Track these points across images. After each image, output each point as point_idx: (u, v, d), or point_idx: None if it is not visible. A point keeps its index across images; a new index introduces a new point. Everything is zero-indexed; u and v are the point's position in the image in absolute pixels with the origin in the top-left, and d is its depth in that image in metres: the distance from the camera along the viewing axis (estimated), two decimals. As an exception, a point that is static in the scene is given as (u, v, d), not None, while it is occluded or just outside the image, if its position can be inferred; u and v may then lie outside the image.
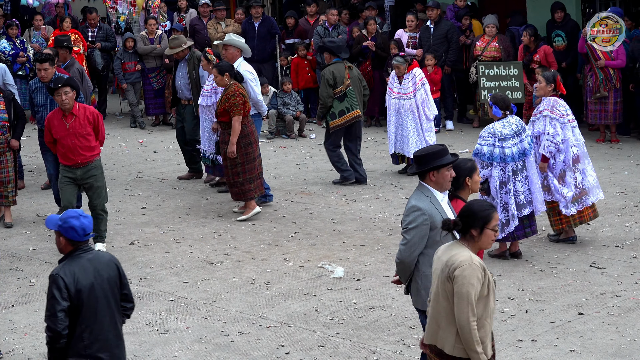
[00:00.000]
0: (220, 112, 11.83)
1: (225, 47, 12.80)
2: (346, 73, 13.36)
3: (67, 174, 10.58)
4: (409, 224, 6.64)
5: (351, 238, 11.11)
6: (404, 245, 6.67)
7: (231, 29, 18.69)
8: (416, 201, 6.66)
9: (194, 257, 10.62)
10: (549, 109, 10.38)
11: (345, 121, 13.32)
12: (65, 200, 10.62)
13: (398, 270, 6.88)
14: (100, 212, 10.73)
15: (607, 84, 15.31)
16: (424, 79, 13.84)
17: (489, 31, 16.52)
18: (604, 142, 15.63)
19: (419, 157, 6.73)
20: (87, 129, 10.48)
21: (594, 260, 10.01)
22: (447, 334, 5.78)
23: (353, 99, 13.30)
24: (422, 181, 6.75)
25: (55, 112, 10.56)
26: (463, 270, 5.66)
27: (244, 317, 8.88)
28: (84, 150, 10.49)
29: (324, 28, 17.70)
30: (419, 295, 6.79)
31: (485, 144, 9.95)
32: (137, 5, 19.67)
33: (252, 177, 11.92)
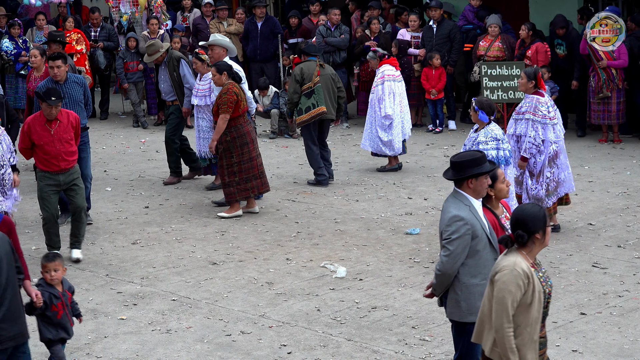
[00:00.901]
0: (215, 111, 11.88)
1: (211, 47, 12.81)
2: (316, 70, 13.48)
3: (50, 181, 10.27)
4: (452, 234, 6.48)
5: (353, 238, 11.11)
6: (447, 256, 6.50)
7: (233, 28, 18.71)
8: (457, 210, 6.52)
9: (196, 257, 10.62)
10: (531, 112, 10.55)
11: (310, 117, 13.45)
12: (50, 211, 10.31)
13: (437, 282, 6.67)
14: (82, 215, 10.43)
15: (610, 84, 15.29)
16: (387, 77, 14.00)
17: (492, 31, 16.51)
18: (607, 142, 15.62)
19: (457, 164, 6.59)
20: (70, 133, 10.27)
21: (597, 261, 10.00)
22: (489, 336, 5.75)
23: (320, 96, 13.41)
24: (458, 188, 6.62)
25: (36, 117, 10.25)
26: (503, 275, 5.61)
27: (246, 316, 8.88)
28: (68, 155, 10.26)
29: (326, 28, 17.69)
30: (458, 307, 6.62)
31: (490, 148, 9.82)
32: (139, 5, 19.69)
33: (248, 176, 11.93)
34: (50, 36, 14.46)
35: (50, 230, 10.44)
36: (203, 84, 12.97)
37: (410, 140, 16.21)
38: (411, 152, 15.42)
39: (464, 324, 6.61)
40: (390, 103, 13.94)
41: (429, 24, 17.28)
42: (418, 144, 16.03)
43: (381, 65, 14.12)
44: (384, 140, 13.95)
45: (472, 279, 6.56)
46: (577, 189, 12.74)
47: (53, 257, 7.30)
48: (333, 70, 13.93)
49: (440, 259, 6.57)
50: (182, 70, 13.61)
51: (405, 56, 17.02)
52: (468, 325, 6.53)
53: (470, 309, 6.55)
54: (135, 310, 9.06)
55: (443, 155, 15.16)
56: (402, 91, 14.13)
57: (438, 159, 14.96)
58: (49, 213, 10.35)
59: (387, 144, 13.97)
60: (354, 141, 16.45)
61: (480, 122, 9.93)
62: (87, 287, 9.85)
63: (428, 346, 8.12)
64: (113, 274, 10.19)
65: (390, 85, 13.97)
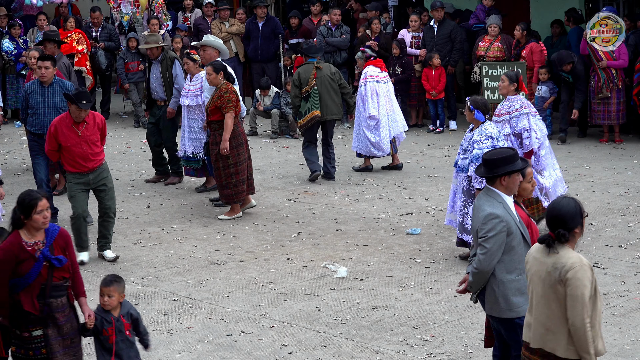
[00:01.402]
0: (212, 110, 11.78)
1: (203, 47, 12.78)
2: (313, 73, 13.58)
3: (79, 180, 10.29)
4: (488, 232, 6.52)
5: (354, 238, 11.11)
6: (484, 254, 6.53)
7: (235, 28, 18.71)
8: (491, 208, 6.55)
9: (197, 257, 10.62)
10: (526, 106, 10.65)
11: (307, 121, 13.62)
12: (79, 207, 10.31)
13: (474, 280, 6.70)
14: (112, 214, 10.52)
15: (610, 84, 15.29)
16: (370, 78, 14.09)
17: (491, 31, 16.51)
18: (608, 142, 15.62)
19: (489, 161, 6.63)
20: (97, 135, 10.29)
21: (597, 261, 10.00)
22: (559, 337, 5.71)
23: (315, 99, 13.54)
24: (491, 186, 6.65)
25: (63, 118, 10.20)
26: (576, 272, 5.60)
27: (247, 316, 8.89)
28: (94, 156, 10.28)
29: (327, 28, 17.70)
30: (497, 303, 6.64)
31: (485, 147, 9.80)
32: (140, 5, 19.69)
33: (243, 178, 11.95)
34: (45, 35, 14.43)
35: (79, 228, 10.39)
36: (194, 84, 12.93)
37: (411, 140, 16.24)
38: (412, 152, 15.43)
39: (510, 320, 6.65)
40: (374, 104, 14.02)
41: (430, 24, 17.28)
42: (419, 144, 16.03)
43: (366, 66, 14.26)
44: (372, 141, 14.02)
45: (508, 275, 6.61)
46: (578, 189, 12.75)
47: (110, 281, 6.94)
48: (333, 69, 13.93)
49: (477, 257, 6.60)
50: (174, 71, 13.58)
51: (406, 56, 17.02)
52: (515, 320, 6.59)
53: (509, 304, 6.62)
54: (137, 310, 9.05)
55: (444, 155, 15.15)
56: (387, 92, 14.19)
57: (439, 159, 14.96)
58: (78, 210, 10.34)
59: (376, 145, 14.04)
60: (355, 141, 16.45)
61: (475, 122, 9.95)
62: (88, 287, 9.81)
63: (429, 346, 8.12)
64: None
65: (373, 85, 14.07)
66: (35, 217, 6.55)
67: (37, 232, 6.63)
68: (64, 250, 6.71)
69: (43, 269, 6.56)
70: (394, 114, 14.21)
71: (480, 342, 8.15)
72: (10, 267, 6.51)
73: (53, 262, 6.58)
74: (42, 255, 6.56)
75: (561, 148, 15.23)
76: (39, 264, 6.55)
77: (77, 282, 6.87)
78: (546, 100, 15.82)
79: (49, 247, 6.61)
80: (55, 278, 6.62)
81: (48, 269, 6.58)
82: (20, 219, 6.58)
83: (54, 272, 6.61)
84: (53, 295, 6.64)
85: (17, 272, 6.55)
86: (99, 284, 7.00)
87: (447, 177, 13.56)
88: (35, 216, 6.55)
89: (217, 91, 11.79)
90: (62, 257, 6.65)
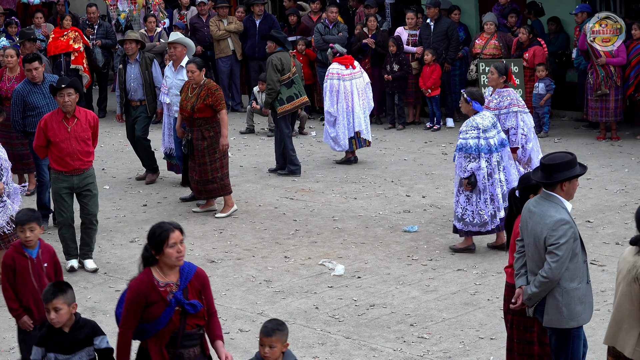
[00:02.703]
0: (200, 108, 11.74)
1: (174, 45, 12.71)
2: (292, 61, 13.86)
3: (64, 183, 9.98)
4: (560, 238, 6.32)
5: (351, 235, 11.11)
6: (556, 262, 6.33)
7: (233, 26, 18.70)
8: (558, 213, 6.37)
9: (194, 255, 10.61)
10: (515, 103, 10.71)
11: (294, 107, 13.89)
12: (65, 215, 10.06)
13: (541, 290, 6.46)
14: (94, 222, 10.23)
15: (608, 81, 15.29)
16: (331, 76, 14.38)
17: (487, 29, 16.49)
18: (605, 139, 15.61)
19: (549, 166, 6.45)
20: (88, 133, 10.00)
21: (595, 258, 10.00)
22: (628, 337, 5.68)
23: (300, 85, 13.90)
24: (550, 191, 6.48)
25: (54, 114, 9.97)
26: None
27: (244, 314, 8.88)
28: (83, 155, 9.97)
29: (324, 25, 17.68)
30: (559, 313, 6.46)
31: (469, 137, 10.03)
32: (137, 3, 19.67)
33: (227, 171, 12.02)
34: (22, 35, 14.34)
35: (66, 236, 10.17)
36: None
37: (408, 138, 16.25)
38: (409, 149, 15.43)
39: (567, 330, 6.51)
40: (332, 101, 14.29)
41: (427, 21, 17.27)
42: (416, 142, 16.02)
43: (333, 62, 14.54)
44: (330, 135, 14.37)
45: (571, 283, 6.44)
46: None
47: (271, 330, 5.89)
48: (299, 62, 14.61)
49: (547, 266, 6.37)
50: (154, 71, 13.53)
51: (403, 53, 17.01)
52: (573, 331, 6.47)
53: (571, 314, 6.46)
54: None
55: (441, 152, 15.15)
56: (352, 89, 14.34)
57: (436, 156, 14.96)
58: (65, 217, 10.06)
59: (334, 139, 14.36)
60: (352, 139, 16.45)
61: (473, 112, 10.08)
62: (85, 286, 9.86)
63: (426, 344, 8.12)
64: (111, 272, 10.19)
65: (333, 83, 14.32)
66: (167, 252, 5.83)
67: (171, 270, 5.90)
68: (200, 293, 5.94)
69: (175, 314, 5.82)
70: (359, 111, 14.41)
71: (477, 339, 8.15)
72: (140, 308, 5.81)
73: (186, 308, 5.83)
74: (175, 299, 5.82)
75: (558, 145, 15.24)
76: (170, 309, 5.81)
77: (214, 327, 6.15)
78: (543, 97, 15.82)
79: (182, 290, 5.86)
80: (188, 326, 5.88)
81: (180, 315, 5.83)
82: (152, 254, 5.87)
83: (187, 319, 5.86)
84: (185, 345, 5.90)
85: (146, 316, 5.83)
86: (259, 332, 6.04)
87: (445, 174, 13.57)
88: (168, 250, 5.83)
89: (205, 89, 11.75)
90: (197, 303, 5.87)
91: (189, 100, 11.82)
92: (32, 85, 11.45)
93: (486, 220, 10.12)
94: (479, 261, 10.11)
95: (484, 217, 10.10)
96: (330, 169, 14.26)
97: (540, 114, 15.99)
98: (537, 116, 16.04)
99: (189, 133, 11.87)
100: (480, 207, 10.10)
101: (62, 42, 18.21)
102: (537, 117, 16.08)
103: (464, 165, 10.02)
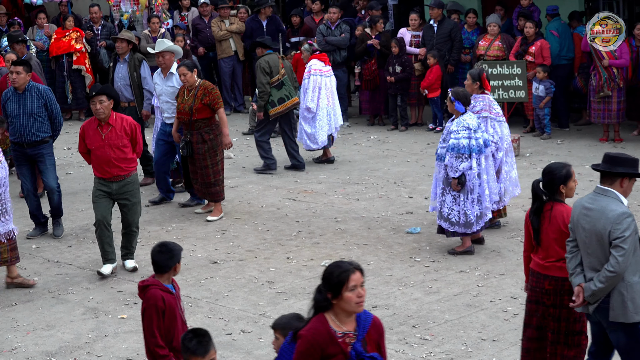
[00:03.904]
0: (199, 109, 11.70)
1: (162, 54, 12.52)
2: (280, 63, 13.99)
3: (102, 187, 9.88)
4: (625, 231, 6.29)
5: (354, 237, 11.11)
6: (623, 256, 6.29)
7: (235, 27, 18.70)
8: (619, 207, 6.36)
9: (196, 256, 10.62)
10: (487, 110, 10.75)
11: (285, 108, 14.01)
12: (98, 214, 9.89)
13: (607, 286, 6.39)
14: (134, 229, 10.11)
15: (611, 83, 15.28)
16: (314, 72, 14.56)
17: (491, 30, 16.48)
18: (608, 141, 15.61)
19: (614, 158, 6.48)
20: (124, 140, 9.81)
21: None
22: None
23: (290, 87, 14.02)
24: (607, 186, 6.49)
25: (91, 121, 9.89)
26: None
27: (246, 315, 8.88)
28: (119, 162, 9.81)
29: (326, 27, 17.68)
30: (625, 307, 6.42)
31: (461, 137, 10.07)
32: (140, 4, 19.67)
33: (223, 174, 12.06)
34: (10, 38, 14.28)
35: (102, 238, 9.96)
36: None
37: (411, 139, 16.24)
38: (412, 151, 15.43)
39: (634, 325, 6.49)
40: (313, 96, 14.49)
41: (430, 22, 17.27)
42: (419, 143, 16.02)
43: (311, 59, 14.74)
44: (307, 132, 14.51)
45: (633, 277, 6.44)
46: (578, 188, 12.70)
47: None
48: (288, 62, 14.72)
49: (614, 260, 6.33)
50: (143, 72, 13.45)
51: (405, 55, 17.01)
52: (638, 325, 6.46)
53: (636, 308, 6.44)
54: (136, 309, 9.05)
55: (444, 154, 15.14)
56: (330, 86, 14.62)
57: (439, 158, 14.94)
58: (98, 216, 9.91)
59: (311, 137, 14.52)
60: (355, 140, 16.46)
61: (456, 112, 10.17)
62: (88, 286, 9.86)
63: (429, 345, 8.12)
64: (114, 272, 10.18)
65: (317, 79, 14.53)
66: (346, 296, 5.13)
67: (348, 317, 5.22)
68: (378, 345, 5.31)
69: None
70: (334, 108, 14.68)
71: (480, 341, 8.15)
72: None
73: None
74: (355, 351, 5.15)
75: (561, 147, 15.23)
76: None
77: None
78: (542, 99, 15.80)
79: (361, 341, 5.21)
80: None
81: None
82: (327, 298, 5.18)
83: None
84: None
85: None
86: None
87: (447, 176, 13.56)
88: (347, 294, 5.14)
89: (201, 89, 11.72)
90: (378, 356, 5.24)
91: (186, 103, 11.76)
92: (13, 92, 11.15)
93: (472, 221, 10.15)
94: (481, 263, 10.10)
95: (470, 217, 10.13)
96: (333, 170, 14.25)
97: (540, 116, 15.98)
98: (538, 118, 16.04)
99: (187, 135, 11.84)
100: (467, 207, 10.13)
101: (64, 43, 18.24)
102: (537, 120, 16.09)
103: (456, 165, 10.03)
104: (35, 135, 11.11)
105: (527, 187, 12.89)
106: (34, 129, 11.07)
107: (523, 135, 15.94)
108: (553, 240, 6.88)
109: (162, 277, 6.61)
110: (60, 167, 15.11)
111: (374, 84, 17.31)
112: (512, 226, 11.23)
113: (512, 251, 10.39)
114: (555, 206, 6.90)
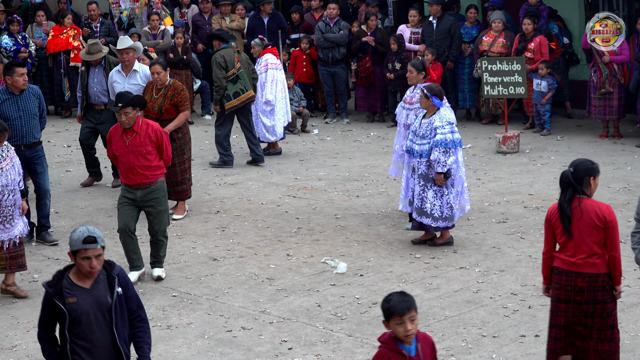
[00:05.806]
0: (168, 109, 11.65)
1: (126, 51, 12.46)
2: (235, 57, 14.09)
3: (127, 194, 9.66)
4: None
5: (354, 233, 11.11)
6: None
7: (235, 24, 18.69)
8: None
9: (196, 253, 10.62)
10: None
11: (240, 102, 14.10)
12: (121, 222, 9.65)
13: None
14: (161, 238, 9.83)
15: (612, 79, 15.28)
16: (271, 66, 14.85)
17: (495, 27, 16.47)
18: (607, 137, 15.61)
19: None
20: (148, 147, 9.56)
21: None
22: None
23: (245, 80, 14.10)
24: None
25: (117, 126, 9.66)
26: None
27: (246, 312, 8.88)
28: (143, 169, 9.56)
29: (325, 23, 17.67)
30: None
31: (448, 132, 10.14)
32: (139, 1, 19.67)
33: (191, 173, 12.11)
34: None
35: (127, 245, 9.77)
36: None
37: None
38: (412, 147, 15.42)
39: None
40: (272, 90, 14.80)
41: (429, 19, 17.26)
42: (418, 140, 16.00)
43: (264, 53, 14.99)
44: (267, 125, 14.79)
45: None
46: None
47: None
48: (247, 56, 14.79)
49: None
50: None
51: (404, 51, 17.00)
52: None
53: None
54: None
55: (443, 150, 15.14)
56: (283, 79, 15.05)
57: (438, 154, 14.94)
58: (120, 224, 9.72)
59: (270, 130, 14.83)
60: (354, 137, 16.45)
61: (432, 108, 10.23)
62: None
63: (429, 342, 8.11)
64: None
65: (274, 73, 14.83)
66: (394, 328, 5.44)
67: None
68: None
69: None
70: (286, 101, 15.07)
71: (480, 337, 8.14)
72: None
73: None
74: None
75: (561, 143, 15.23)
76: None
77: None
78: (545, 95, 15.80)
79: None
80: None
81: None
82: None
83: None
84: None
85: None
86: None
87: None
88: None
89: (171, 89, 11.70)
90: None
91: (156, 102, 11.67)
92: (9, 94, 10.91)
93: (455, 213, 10.25)
94: (481, 259, 10.10)
95: (454, 209, 10.24)
96: (333, 167, 14.25)
97: (541, 112, 15.98)
98: (538, 114, 16.04)
99: None
100: (452, 199, 10.20)
101: (61, 40, 18.24)
102: (537, 116, 16.09)
103: (444, 160, 10.04)
104: (34, 137, 11.05)
105: (528, 183, 12.94)
106: (34, 130, 11.02)
107: (523, 131, 15.94)
108: (586, 235, 6.85)
109: None
110: (60, 164, 15.14)
111: (368, 81, 17.33)
112: (512, 222, 11.24)
113: (512, 247, 10.39)
114: (584, 201, 6.88)
